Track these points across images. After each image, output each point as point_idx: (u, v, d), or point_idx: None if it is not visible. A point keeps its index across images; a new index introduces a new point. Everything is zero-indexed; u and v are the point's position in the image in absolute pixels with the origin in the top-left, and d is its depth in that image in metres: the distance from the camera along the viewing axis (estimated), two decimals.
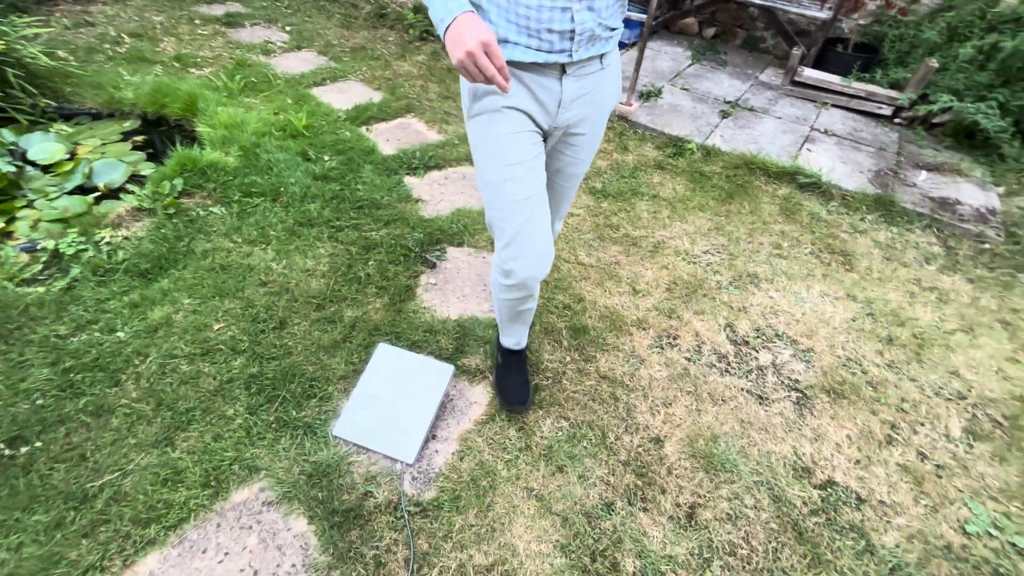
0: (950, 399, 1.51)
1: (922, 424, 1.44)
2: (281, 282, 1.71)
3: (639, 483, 1.25)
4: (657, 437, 1.36)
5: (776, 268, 1.95)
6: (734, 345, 1.64)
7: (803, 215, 2.22)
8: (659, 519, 1.19)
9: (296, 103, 2.72)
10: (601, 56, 0.94)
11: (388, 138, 2.55)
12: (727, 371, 1.55)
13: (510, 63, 0.88)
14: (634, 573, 1.09)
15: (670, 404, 1.44)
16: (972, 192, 2.40)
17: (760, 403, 1.47)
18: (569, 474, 1.26)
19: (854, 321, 1.74)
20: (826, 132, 2.81)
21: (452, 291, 1.74)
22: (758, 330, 1.69)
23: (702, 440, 1.35)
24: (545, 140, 1.03)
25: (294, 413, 1.34)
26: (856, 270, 1.97)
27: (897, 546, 1.17)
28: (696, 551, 1.14)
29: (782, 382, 1.53)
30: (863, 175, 2.47)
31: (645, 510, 1.20)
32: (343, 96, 2.88)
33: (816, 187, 2.36)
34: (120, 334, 1.49)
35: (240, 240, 1.85)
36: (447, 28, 0.73)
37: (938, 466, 1.34)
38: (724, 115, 2.91)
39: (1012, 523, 1.23)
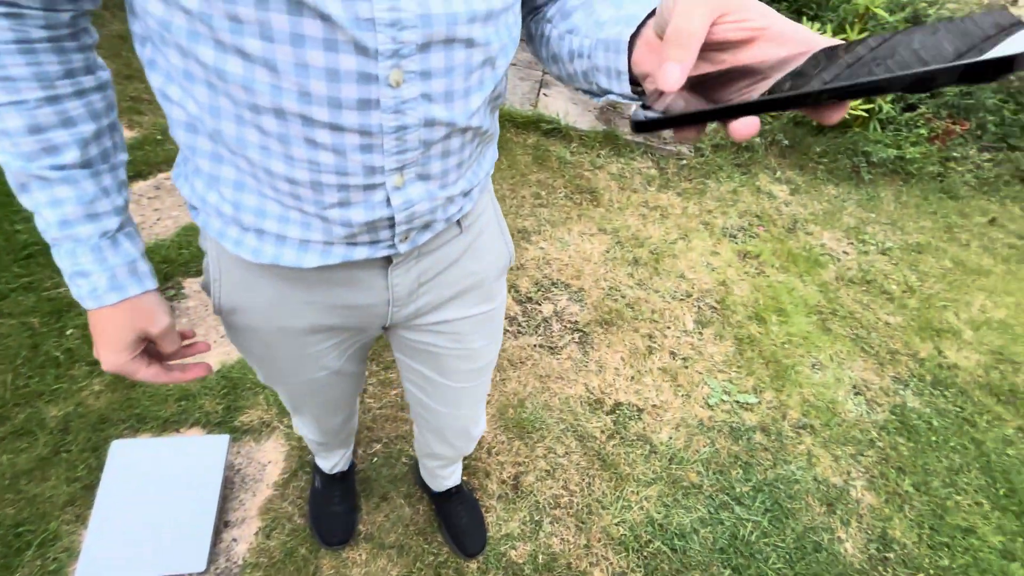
0: (682, 299, 1.88)
1: (669, 327, 1.77)
2: None
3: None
4: None
5: (540, 218, 2.09)
6: (520, 305, 1.73)
7: (552, 160, 2.41)
8: (490, 503, 1.23)
9: None
10: (459, 220, 0.58)
11: None
12: (520, 332, 1.64)
13: (274, 267, 0.51)
14: (478, 568, 1.12)
15: None
16: None
17: (552, 353, 1.60)
18: (394, 499, 1.20)
19: (608, 252, 2.00)
20: None
21: (203, 336, 1.43)
22: (537, 284, 1.82)
23: (511, 409, 1.42)
24: (385, 328, 0.68)
25: None
26: (601, 204, 2.24)
27: (670, 438, 1.45)
28: (527, 518, 1.22)
29: (565, 327, 1.69)
30: (591, 113, 2.77)
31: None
32: None
33: (558, 131, 2.57)
34: None
35: None
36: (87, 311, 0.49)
37: (684, 359, 1.68)
38: None
39: (734, 385, 1.62)
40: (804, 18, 2.73)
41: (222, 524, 1.11)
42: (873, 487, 1.44)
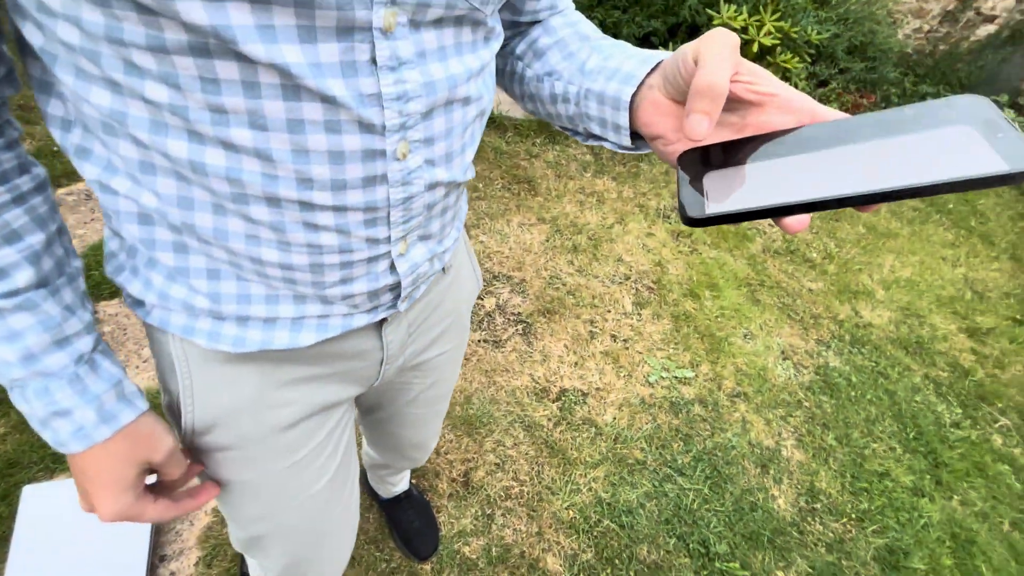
0: (621, 282, 1.94)
1: (609, 311, 1.82)
2: None
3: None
4: None
5: (479, 212, 2.09)
6: None
7: (488, 152, 2.40)
8: (441, 503, 1.24)
9: None
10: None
11: None
12: None
13: (263, 353, 0.46)
14: (432, 569, 1.13)
15: None
16: None
17: (496, 347, 1.62)
18: None
19: (547, 241, 2.03)
20: None
21: (124, 361, 1.35)
22: None
23: (458, 407, 1.43)
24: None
25: None
26: (539, 193, 2.26)
27: (614, 419, 1.50)
28: (479, 513, 1.24)
29: (508, 319, 1.71)
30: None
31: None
32: None
33: (492, 122, 2.56)
34: None
35: None
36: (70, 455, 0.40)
37: (625, 340, 1.73)
38: None
39: (672, 362, 1.69)
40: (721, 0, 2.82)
41: (157, 559, 1.06)
42: (801, 445, 1.55)
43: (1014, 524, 1.49)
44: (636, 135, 0.41)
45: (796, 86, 2.86)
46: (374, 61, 0.32)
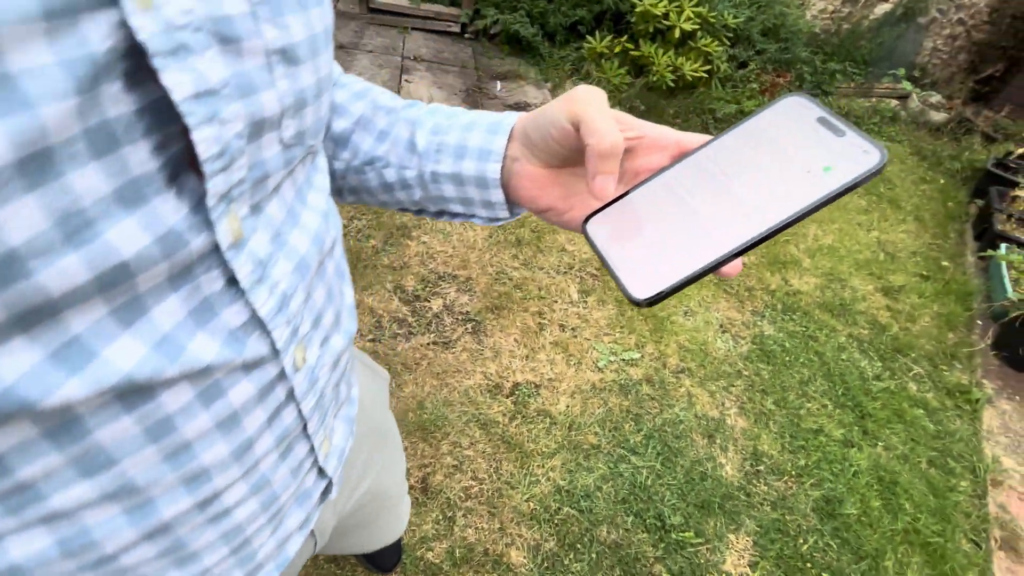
0: (565, 272, 1.97)
1: (556, 301, 1.85)
2: None
3: None
4: None
5: None
6: (408, 304, 1.71)
7: None
8: None
9: None
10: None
11: None
12: (411, 333, 1.62)
13: None
14: None
15: None
16: (534, 92, 2.97)
17: (446, 348, 1.61)
18: None
19: (491, 237, 2.03)
20: (416, 59, 2.96)
21: None
22: (423, 280, 1.80)
23: (411, 414, 1.42)
24: None
25: None
26: None
27: (567, 407, 1.53)
28: (440, 517, 1.24)
29: (457, 319, 1.70)
30: (457, 96, 2.74)
31: None
32: None
33: None
34: None
35: None
36: None
37: (573, 329, 1.77)
38: None
39: (620, 346, 1.75)
40: None
41: None
42: (743, 412, 1.64)
43: (930, 462, 1.64)
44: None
45: (719, 69, 2.99)
46: (231, 282, 0.24)
